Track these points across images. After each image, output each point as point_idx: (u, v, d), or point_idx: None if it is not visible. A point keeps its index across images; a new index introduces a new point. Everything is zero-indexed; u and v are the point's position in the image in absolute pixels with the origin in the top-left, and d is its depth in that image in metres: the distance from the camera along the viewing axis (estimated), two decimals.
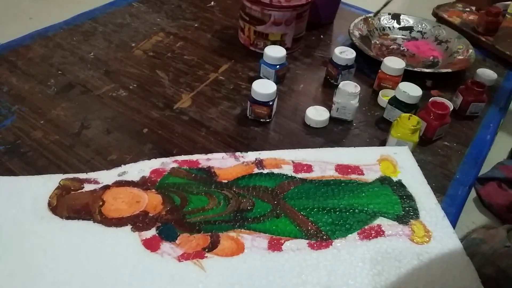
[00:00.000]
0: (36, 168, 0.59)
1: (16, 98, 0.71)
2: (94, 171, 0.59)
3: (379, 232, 0.53)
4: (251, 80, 0.71)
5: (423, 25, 1.01)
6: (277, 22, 0.84)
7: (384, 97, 0.78)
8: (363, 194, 0.58)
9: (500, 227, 0.89)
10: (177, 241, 0.50)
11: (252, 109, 0.70)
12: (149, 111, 0.72)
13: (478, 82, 0.77)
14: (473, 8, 1.15)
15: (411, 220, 0.55)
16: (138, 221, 0.52)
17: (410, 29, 1.01)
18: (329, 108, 0.73)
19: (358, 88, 0.71)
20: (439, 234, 0.54)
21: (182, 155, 0.62)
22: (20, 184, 0.55)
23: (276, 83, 0.73)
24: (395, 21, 1.02)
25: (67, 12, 0.98)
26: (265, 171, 0.60)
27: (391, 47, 0.97)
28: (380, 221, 0.55)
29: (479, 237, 0.73)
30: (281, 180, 0.59)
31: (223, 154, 0.62)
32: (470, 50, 0.91)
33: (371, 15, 1.01)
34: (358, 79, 0.84)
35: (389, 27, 1.01)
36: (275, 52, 0.78)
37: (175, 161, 0.60)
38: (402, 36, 1.00)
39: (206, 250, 0.49)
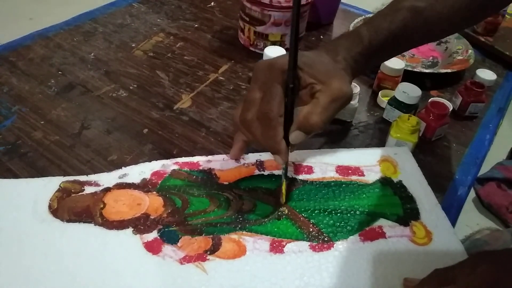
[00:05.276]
0: (37, 169, 0.59)
1: (17, 99, 0.71)
2: (94, 172, 0.59)
3: (380, 234, 0.53)
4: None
5: None
6: (277, 23, 0.84)
7: (383, 97, 0.78)
8: (364, 196, 0.58)
9: (505, 230, 0.90)
10: (178, 244, 0.50)
11: None
12: (149, 111, 0.72)
13: (477, 82, 0.78)
14: None
15: (412, 221, 0.55)
16: (140, 224, 0.52)
17: None
18: None
19: (358, 89, 0.71)
20: (439, 235, 0.54)
21: (183, 157, 0.62)
22: (20, 186, 0.55)
23: None
24: None
25: (68, 13, 0.98)
26: (266, 172, 0.60)
27: None
28: (381, 222, 0.55)
29: (483, 238, 0.74)
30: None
31: (223, 156, 0.62)
32: (470, 51, 0.91)
33: (371, 15, 1.01)
34: (358, 80, 0.84)
35: None
36: (275, 53, 0.77)
37: (176, 163, 0.60)
38: None
39: (208, 252, 0.49)
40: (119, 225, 0.52)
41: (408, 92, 0.70)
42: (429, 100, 0.72)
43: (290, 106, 0.49)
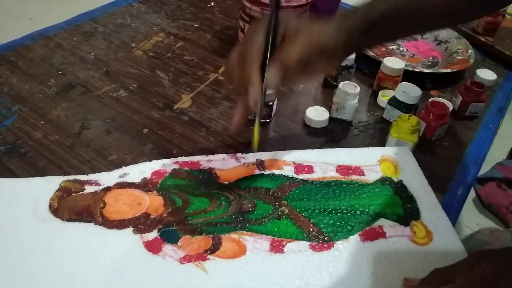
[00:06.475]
0: (37, 168, 0.59)
1: (17, 98, 0.71)
2: (94, 171, 0.59)
3: (381, 233, 0.53)
4: None
5: None
6: None
7: (383, 97, 0.78)
8: (364, 195, 0.58)
9: (505, 230, 0.90)
10: (178, 243, 0.50)
11: None
12: (149, 111, 0.71)
13: (477, 82, 0.78)
14: None
15: (412, 221, 0.55)
16: (140, 223, 0.52)
17: None
18: (329, 109, 0.73)
19: (358, 89, 0.71)
20: (440, 234, 0.54)
21: (183, 156, 0.62)
22: (20, 186, 0.55)
23: None
24: None
25: (68, 13, 0.97)
26: (266, 172, 0.60)
27: (390, 47, 0.97)
28: (381, 222, 0.55)
29: (483, 238, 0.74)
30: (282, 182, 0.59)
31: (224, 155, 0.62)
32: (470, 51, 0.91)
33: None
34: (358, 80, 0.84)
35: None
36: None
37: (176, 162, 0.60)
38: None
39: (208, 252, 0.49)
40: (120, 224, 0.52)
41: (408, 92, 0.70)
42: (429, 100, 0.72)
43: (270, 45, 0.50)
